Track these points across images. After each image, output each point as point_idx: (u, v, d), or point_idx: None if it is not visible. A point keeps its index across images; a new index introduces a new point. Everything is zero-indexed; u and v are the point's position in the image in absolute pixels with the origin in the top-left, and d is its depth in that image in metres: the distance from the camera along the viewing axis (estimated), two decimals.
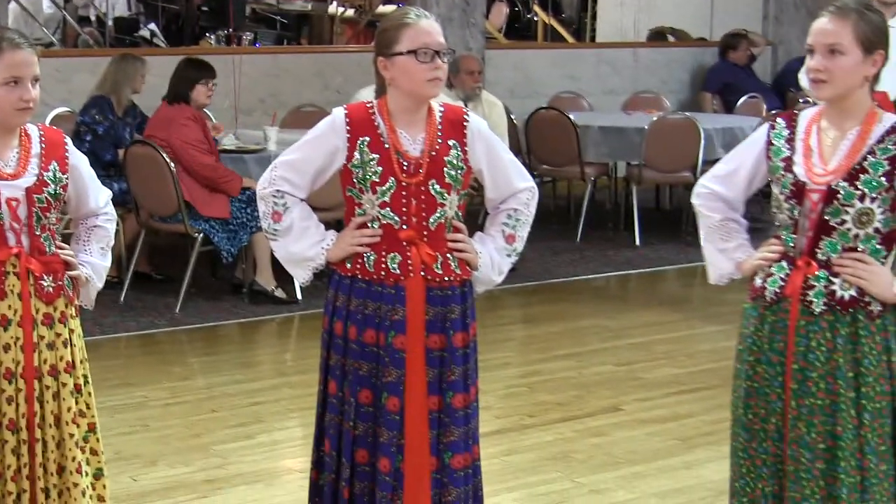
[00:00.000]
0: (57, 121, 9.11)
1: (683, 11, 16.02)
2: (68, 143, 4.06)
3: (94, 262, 4.14)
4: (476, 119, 4.10)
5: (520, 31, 18.57)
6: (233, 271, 8.84)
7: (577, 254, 10.24)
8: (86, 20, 15.42)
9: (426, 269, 3.96)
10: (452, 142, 4.01)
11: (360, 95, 8.28)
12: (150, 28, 14.86)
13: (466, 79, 9.65)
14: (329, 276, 4.10)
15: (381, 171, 3.94)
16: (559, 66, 13.23)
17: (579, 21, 19.82)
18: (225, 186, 8.30)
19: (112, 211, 4.23)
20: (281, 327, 8.20)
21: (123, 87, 8.97)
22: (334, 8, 16.53)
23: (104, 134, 8.84)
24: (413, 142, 3.99)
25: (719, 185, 3.95)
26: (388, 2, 16.23)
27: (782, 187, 3.71)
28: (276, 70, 11.58)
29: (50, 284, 3.95)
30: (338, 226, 4.85)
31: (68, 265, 4.02)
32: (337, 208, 5.67)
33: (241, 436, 6.10)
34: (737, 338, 3.87)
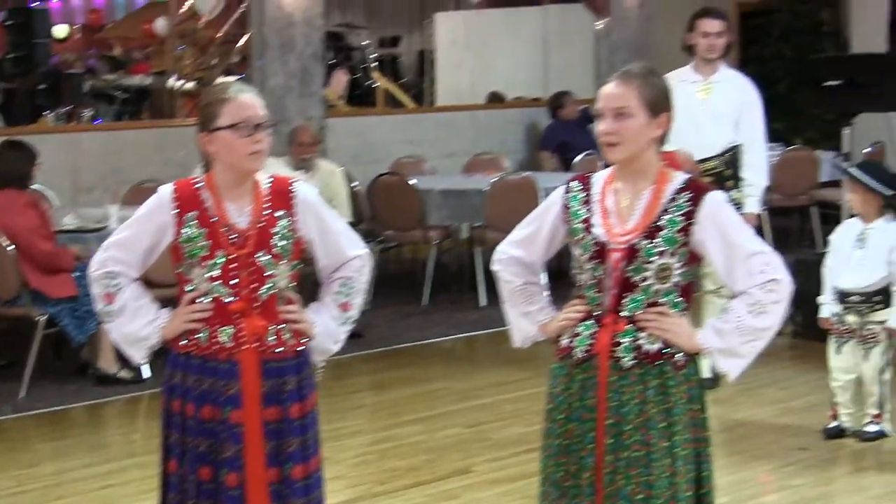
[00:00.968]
0: None
1: (519, 73, 16.28)
2: None
3: None
4: (305, 189, 4.14)
5: (361, 97, 18.71)
6: (78, 352, 8.73)
7: (425, 317, 10.29)
8: None
9: (259, 342, 3.98)
10: (281, 212, 4.04)
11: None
12: None
13: (297, 150, 9.74)
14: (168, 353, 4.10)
15: (209, 245, 3.96)
16: (400, 131, 13.35)
17: (419, 85, 20.05)
18: (64, 266, 8.21)
19: None
20: (129, 407, 8.09)
21: None
22: (174, 81, 16.49)
23: None
24: (240, 214, 4.01)
25: (519, 249, 4.05)
26: (228, 74, 16.22)
27: (584, 249, 3.81)
28: (116, 146, 11.49)
29: None
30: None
31: None
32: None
33: None
34: (545, 398, 3.94)
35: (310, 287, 4.31)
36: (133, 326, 4.06)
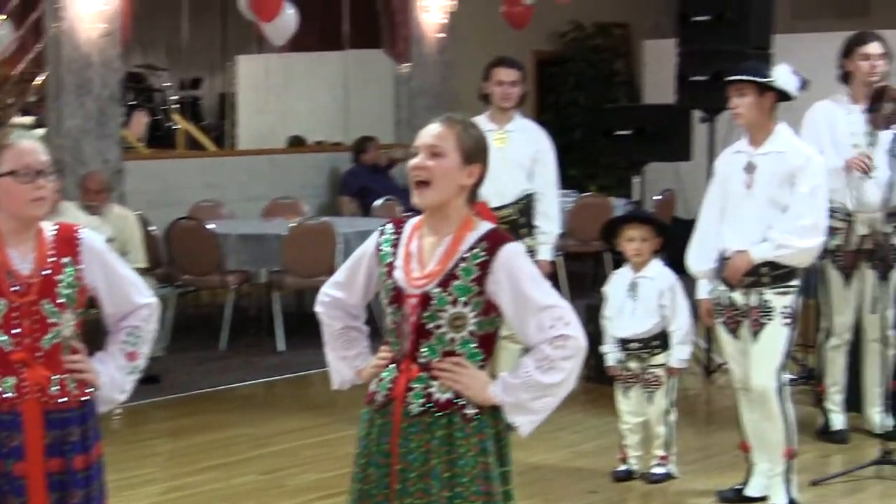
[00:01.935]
0: None
1: (320, 117, 16.31)
2: None
3: None
4: (91, 236, 4.09)
5: (162, 139, 18.51)
6: None
7: (223, 362, 10.22)
8: None
9: (42, 392, 3.91)
10: (66, 260, 3.99)
11: None
12: None
13: (85, 196, 9.60)
14: None
15: None
16: (199, 174, 13.26)
17: (220, 128, 19.92)
18: None
19: None
20: None
21: None
22: None
23: None
24: (23, 261, 3.95)
25: (340, 291, 4.05)
26: (25, 113, 15.91)
27: (385, 292, 3.85)
28: None
29: None
30: None
31: None
32: None
33: None
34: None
35: (100, 334, 4.26)
36: None
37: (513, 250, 3.80)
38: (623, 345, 6.87)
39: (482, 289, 3.75)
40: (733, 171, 6.34)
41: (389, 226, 3.95)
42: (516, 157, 7.77)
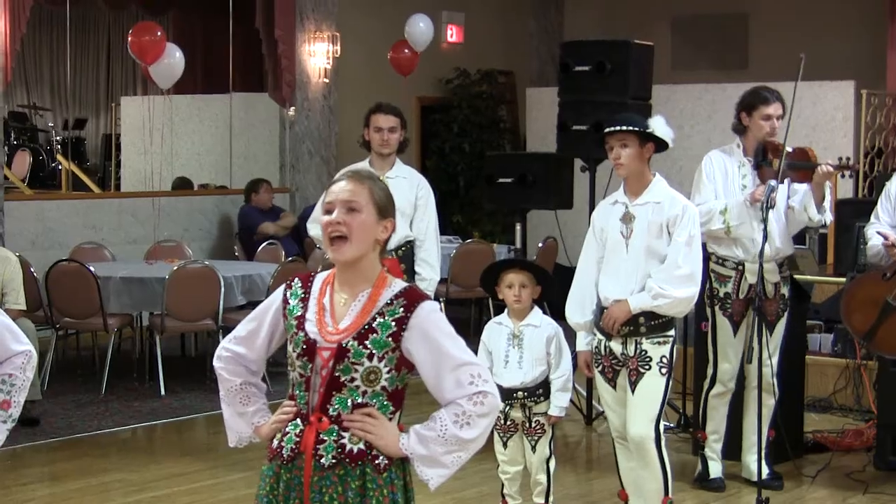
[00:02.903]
0: None
1: (205, 160, 16.27)
2: None
3: None
4: None
5: (44, 179, 18.34)
6: None
7: (103, 406, 10.11)
8: None
9: None
10: None
11: None
12: None
13: None
14: None
15: None
16: (81, 216, 13.15)
17: (104, 170, 19.77)
18: None
19: None
20: None
21: None
22: None
23: None
24: None
25: (240, 346, 4.02)
26: None
27: (295, 345, 3.83)
28: None
29: None
30: None
31: None
32: None
33: None
34: (254, 500, 3.91)
35: None
36: None
37: (429, 308, 3.81)
38: (507, 396, 6.73)
39: (397, 345, 3.76)
40: (611, 221, 6.43)
41: (297, 281, 3.94)
42: (396, 203, 7.81)
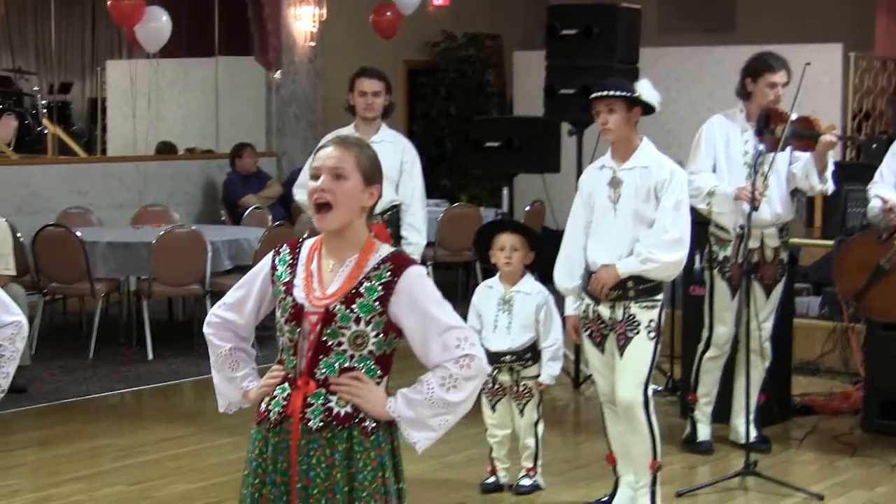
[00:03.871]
0: None
1: (191, 125, 16.21)
2: None
3: None
4: None
5: (30, 144, 18.27)
6: None
7: (90, 371, 10.11)
8: None
9: None
10: None
11: None
12: None
13: None
14: None
15: None
16: (67, 181, 13.12)
17: (90, 134, 19.70)
18: None
19: None
20: None
21: None
22: None
23: None
24: None
25: (230, 312, 4.02)
26: None
27: (283, 310, 3.83)
28: None
29: None
30: None
31: None
32: None
33: None
34: (243, 464, 3.92)
35: None
36: None
37: (416, 273, 3.81)
38: (494, 359, 6.73)
39: (384, 309, 3.76)
40: (598, 186, 6.43)
41: (285, 247, 3.94)
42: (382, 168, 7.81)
